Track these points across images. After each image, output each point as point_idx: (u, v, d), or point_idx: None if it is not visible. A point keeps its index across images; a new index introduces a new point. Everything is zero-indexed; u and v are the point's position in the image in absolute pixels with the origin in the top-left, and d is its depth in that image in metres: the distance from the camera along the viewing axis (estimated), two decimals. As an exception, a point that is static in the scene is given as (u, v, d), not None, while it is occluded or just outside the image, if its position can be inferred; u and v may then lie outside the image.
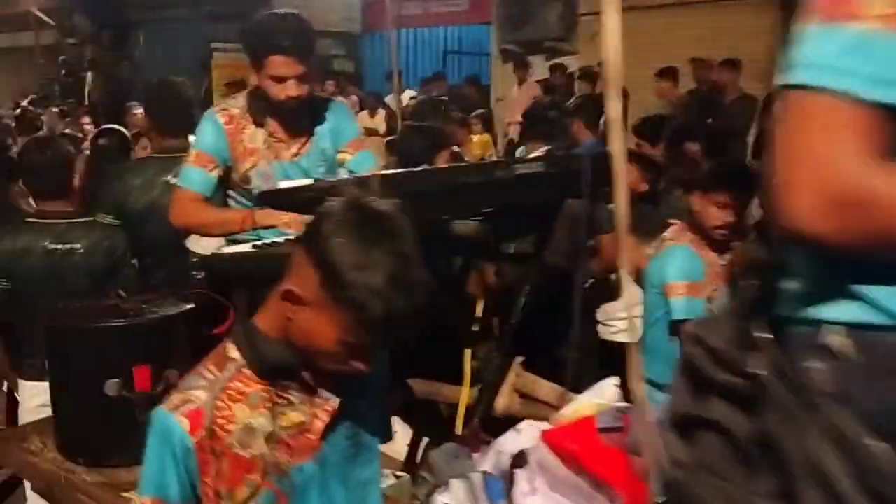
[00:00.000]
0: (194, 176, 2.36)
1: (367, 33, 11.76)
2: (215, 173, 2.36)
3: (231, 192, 2.46)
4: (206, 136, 2.37)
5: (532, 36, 9.01)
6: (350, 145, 2.48)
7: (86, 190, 2.86)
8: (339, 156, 2.47)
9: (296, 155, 2.42)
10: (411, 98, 8.02)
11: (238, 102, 2.43)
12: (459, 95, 7.96)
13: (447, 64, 10.90)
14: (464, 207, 1.84)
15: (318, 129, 2.45)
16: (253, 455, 1.31)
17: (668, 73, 6.91)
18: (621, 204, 1.43)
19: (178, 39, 11.47)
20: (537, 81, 8.89)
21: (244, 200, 2.43)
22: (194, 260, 2.42)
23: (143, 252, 2.84)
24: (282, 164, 2.40)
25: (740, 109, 6.26)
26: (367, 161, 2.50)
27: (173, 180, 2.65)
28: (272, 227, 2.18)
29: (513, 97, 8.84)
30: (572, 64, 8.64)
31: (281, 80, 2.24)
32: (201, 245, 2.43)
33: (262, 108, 2.36)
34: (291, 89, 2.25)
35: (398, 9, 8.16)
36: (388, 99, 8.32)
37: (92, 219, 2.73)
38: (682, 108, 6.38)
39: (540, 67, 9.15)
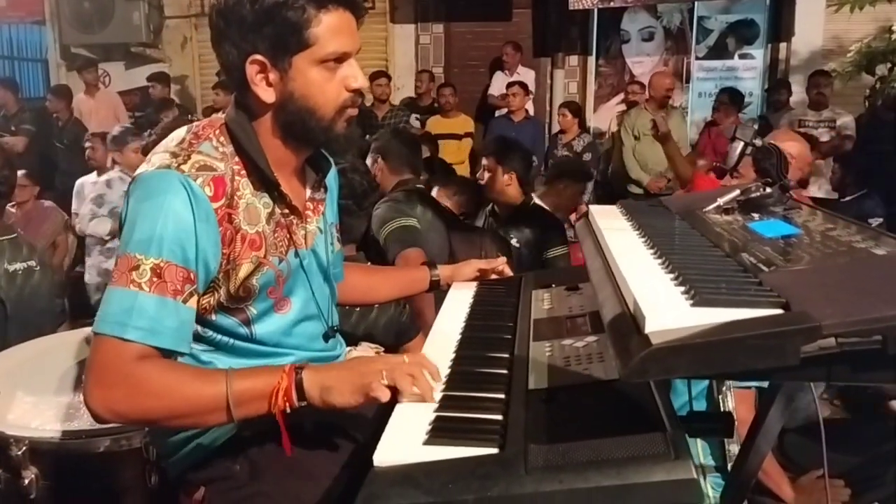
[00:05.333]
0: (158, 314, 1.17)
1: None
2: (193, 302, 1.24)
3: (202, 329, 1.32)
4: (177, 228, 1.20)
5: (109, 39, 7.61)
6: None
7: None
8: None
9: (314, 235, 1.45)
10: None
11: (214, 146, 1.29)
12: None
13: (-8, 71, 8.57)
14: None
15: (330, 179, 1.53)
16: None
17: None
18: None
19: None
20: (120, 93, 7.59)
21: (240, 343, 1.34)
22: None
23: None
24: (301, 256, 1.39)
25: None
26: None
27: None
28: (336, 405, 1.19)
29: (83, 109, 7.26)
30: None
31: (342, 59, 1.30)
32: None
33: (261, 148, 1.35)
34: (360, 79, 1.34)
35: None
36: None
37: None
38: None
39: (122, 77, 7.85)
